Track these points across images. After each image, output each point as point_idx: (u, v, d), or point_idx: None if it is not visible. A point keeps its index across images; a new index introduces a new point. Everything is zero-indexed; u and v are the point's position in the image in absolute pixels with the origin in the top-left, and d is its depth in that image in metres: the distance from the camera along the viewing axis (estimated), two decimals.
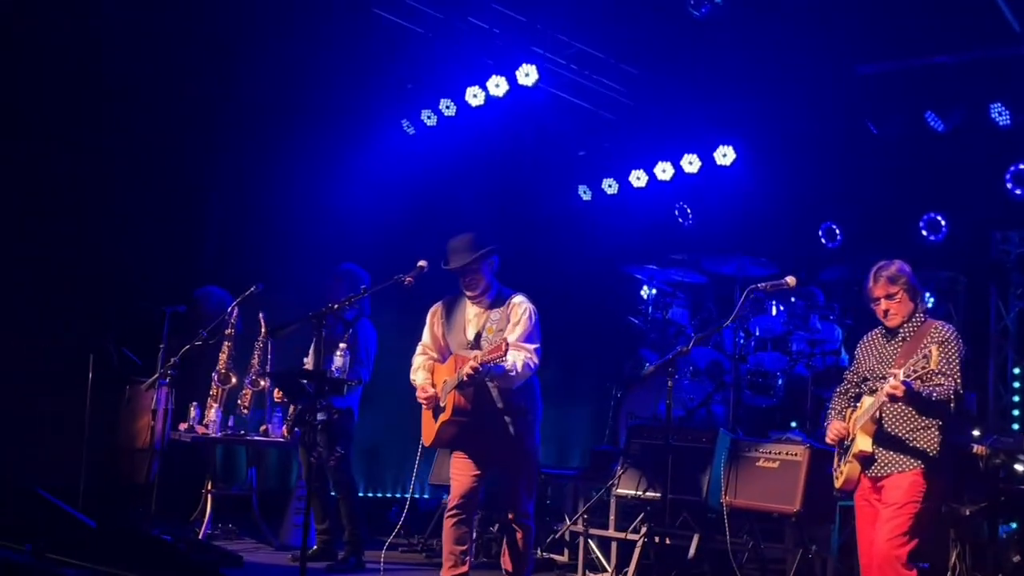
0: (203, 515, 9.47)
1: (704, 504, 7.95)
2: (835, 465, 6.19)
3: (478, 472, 6.75)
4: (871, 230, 11.09)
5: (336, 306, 6.35)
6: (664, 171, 11.98)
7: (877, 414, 5.88)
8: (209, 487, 9.64)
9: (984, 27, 9.03)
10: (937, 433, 5.85)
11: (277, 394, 9.01)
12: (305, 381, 6.18)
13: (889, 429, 5.90)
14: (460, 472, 6.77)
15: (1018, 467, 7.52)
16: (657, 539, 8.12)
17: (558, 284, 11.43)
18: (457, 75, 11.38)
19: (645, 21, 10.59)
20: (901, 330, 6.05)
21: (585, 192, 12.99)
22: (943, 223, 10.68)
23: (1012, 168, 9.73)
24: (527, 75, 10.71)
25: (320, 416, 5.77)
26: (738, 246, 10.56)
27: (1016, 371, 10.08)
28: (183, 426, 9.63)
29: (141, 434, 9.59)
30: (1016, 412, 9.95)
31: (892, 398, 5.70)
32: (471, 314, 6.80)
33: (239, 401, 9.86)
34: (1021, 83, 8.99)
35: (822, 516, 7.66)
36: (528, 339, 6.58)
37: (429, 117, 11.83)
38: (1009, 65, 8.97)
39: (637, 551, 8.27)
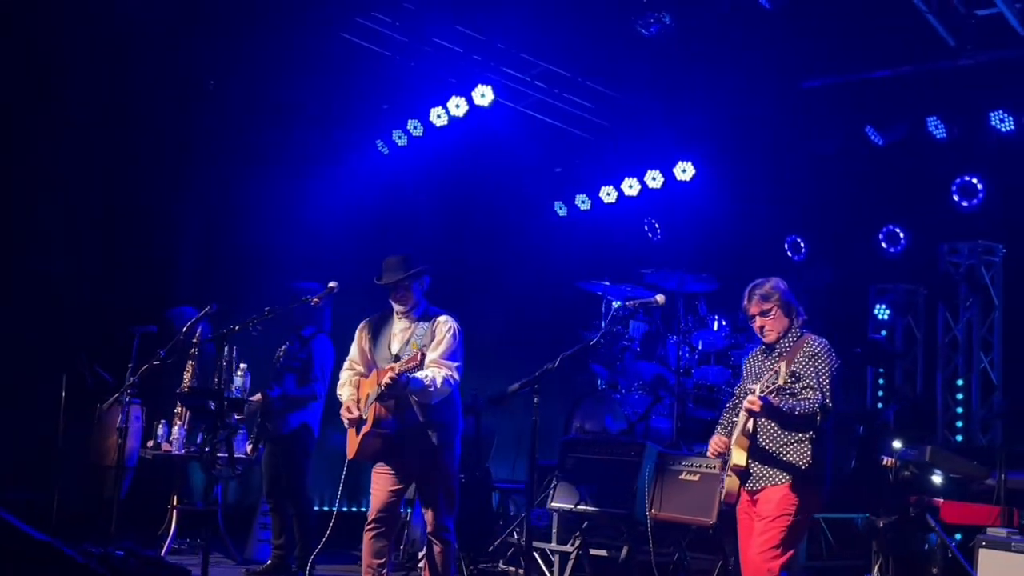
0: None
1: (632, 517, 8.07)
2: (720, 479, 6.34)
3: (398, 487, 6.95)
4: (834, 242, 11.20)
5: (237, 327, 6.60)
6: (631, 187, 12.16)
7: (750, 428, 6.00)
8: (174, 502, 9.89)
9: (923, 42, 9.13)
10: (808, 446, 5.91)
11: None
12: (211, 401, 6.39)
13: (763, 443, 6.00)
14: (379, 487, 6.98)
15: (934, 479, 7.60)
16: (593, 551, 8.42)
17: (526, 298, 11.63)
18: (425, 96, 11.65)
19: (604, 40, 10.80)
20: (778, 346, 6.17)
21: (561, 208, 13.17)
22: (902, 235, 10.76)
23: (958, 180, 9.79)
24: (483, 95, 10.92)
25: (222, 433, 6.01)
26: (703, 261, 10.72)
27: (959, 383, 10.13)
28: (150, 443, 9.90)
29: (110, 452, 9.87)
30: (960, 424, 10.00)
31: (750, 413, 5.84)
32: (397, 329, 7.05)
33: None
34: (956, 97, 9.06)
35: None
36: (450, 356, 6.80)
37: (400, 137, 12.08)
38: (945, 79, 9.04)
39: (571, 563, 8.44)
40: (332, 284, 7.05)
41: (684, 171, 11.59)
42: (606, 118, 12.18)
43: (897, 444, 7.73)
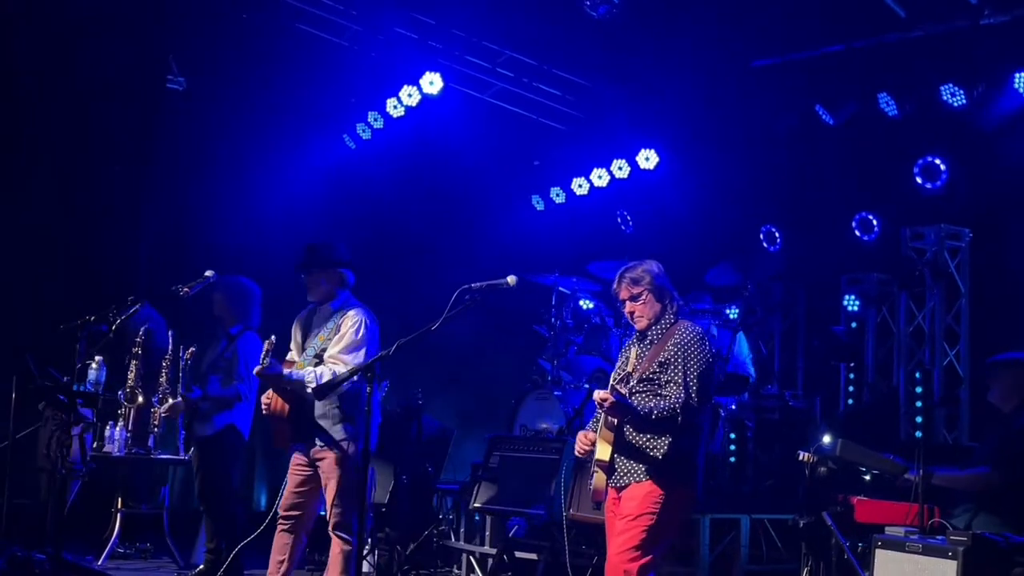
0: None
1: (549, 517, 7.76)
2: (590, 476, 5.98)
3: (305, 483, 6.82)
4: (809, 231, 10.79)
5: (93, 318, 6.42)
6: (600, 177, 11.88)
7: (614, 421, 5.64)
8: (119, 506, 9.74)
9: (874, 15, 8.69)
10: (675, 441, 5.54)
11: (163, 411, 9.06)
12: (63, 396, 6.22)
13: (628, 437, 5.59)
14: (289, 482, 6.91)
15: (866, 477, 7.16)
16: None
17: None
18: (382, 87, 11.46)
19: (562, 24, 10.50)
20: (650, 333, 5.80)
21: (538, 202, 12.89)
22: (875, 223, 10.31)
23: (920, 161, 9.31)
24: (431, 83, 10.73)
25: (75, 430, 5.83)
26: (676, 252, 10.34)
27: (918, 375, 9.56)
28: (95, 445, 9.76)
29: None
30: (919, 419, 9.41)
31: (600, 407, 5.48)
32: (317, 321, 6.97)
33: (151, 419, 9.96)
34: (906, 72, 8.60)
35: None
36: (349, 351, 6.62)
37: (364, 131, 11.90)
38: (895, 53, 8.59)
39: (489, 567, 8.15)
40: (208, 272, 6.85)
41: (647, 159, 11.28)
42: (571, 106, 11.90)
43: (827, 439, 7.27)
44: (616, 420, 5.57)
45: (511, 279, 5.60)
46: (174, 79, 11.32)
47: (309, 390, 6.48)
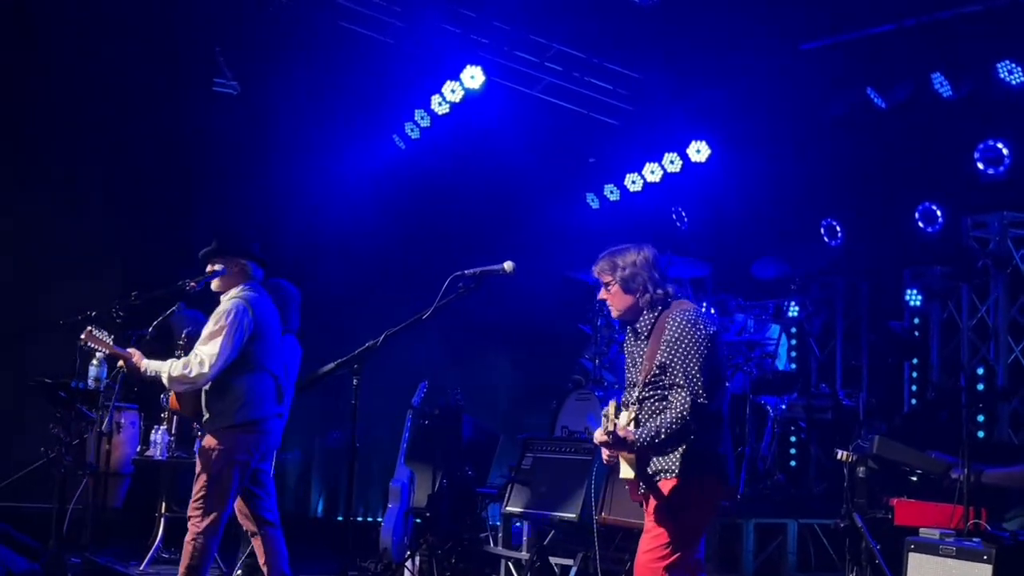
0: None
1: (581, 521, 7.46)
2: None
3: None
4: (870, 223, 10.33)
5: (94, 313, 6.29)
6: (653, 172, 11.55)
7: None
8: (162, 510, 9.68)
9: None
10: (691, 441, 5.12)
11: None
12: (63, 393, 6.12)
13: (648, 454, 5.25)
14: None
15: (913, 477, 6.72)
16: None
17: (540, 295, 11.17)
18: (426, 84, 11.24)
19: (609, 14, 10.23)
20: (638, 325, 5.37)
21: (593, 201, 12.59)
22: (939, 213, 9.81)
23: (980, 145, 8.80)
24: (472, 77, 10.53)
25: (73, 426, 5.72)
26: (733, 249, 10.08)
27: (980, 371, 9.06)
28: (139, 449, 9.74)
29: (103, 458, 9.76)
30: (981, 418, 8.93)
31: (603, 446, 5.18)
32: None
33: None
34: (961, 49, 8.12)
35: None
36: (207, 341, 6.36)
37: (412, 130, 11.72)
38: (949, 30, 8.12)
39: (527, 574, 7.88)
40: (216, 266, 6.65)
41: (698, 151, 10.92)
42: (622, 99, 11.55)
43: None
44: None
45: (508, 265, 5.31)
46: (225, 83, 11.32)
47: (164, 381, 6.30)
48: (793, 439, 9.86)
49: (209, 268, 6.57)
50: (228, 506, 6.43)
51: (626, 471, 5.32)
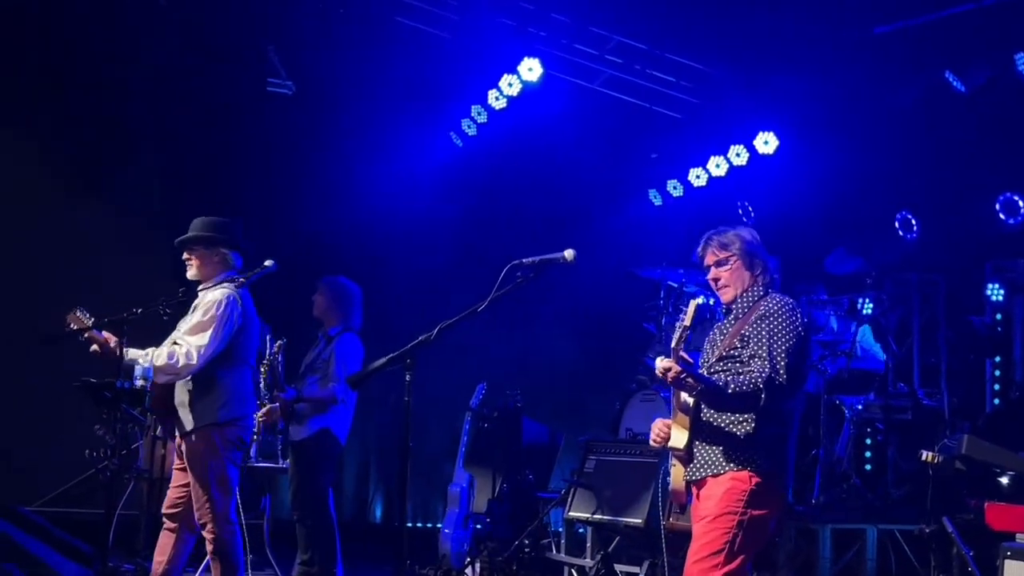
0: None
1: (647, 528, 7.14)
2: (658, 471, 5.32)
3: (181, 476, 6.43)
4: (948, 215, 9.91)
5: (140, 311, 6.07)
6: (718, 166, 11.23)
7: (688, 401, 4.93)
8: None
9: None
10: (756, 423, 4.79)
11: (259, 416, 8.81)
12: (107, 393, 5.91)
13: (706, 418, 4.90)
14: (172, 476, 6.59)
15: (1002, 480, 6.31)
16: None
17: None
18: (482, 79, 11.01)
19: (670, 3, 9.94)
20: (735, 306, 5.11)
21: (656, 197, 12.26)
22: (1021, 204, 9.39)
23: None
24: (530, 70, 10.28)
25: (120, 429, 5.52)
26: (805, 243, 9.73)
27: None
28: None
29: (157, 464, 9.63)
30: None
31: (664, 379, 4.76)
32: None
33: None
34: None
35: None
36: (196, 331, 6.21)
37: (469, 127, 11.49)
38: None
39: None
40: (267, 262, 6.51)
41: (766, 143, 10.55)
42: (686, 92, 11.21)
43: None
44: (690, 399, 4.89)
45: (568, 253, 4.95)
46: (280, 83, 11.19)
47: (147, 366, 6.03)
48: (869, 441, 9.45)
49: (186, 256, 6.47)
50: (234, 499, 6.37)
51: (677, 437, 4.95)
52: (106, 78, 10.30)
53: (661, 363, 4.68)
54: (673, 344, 4.65)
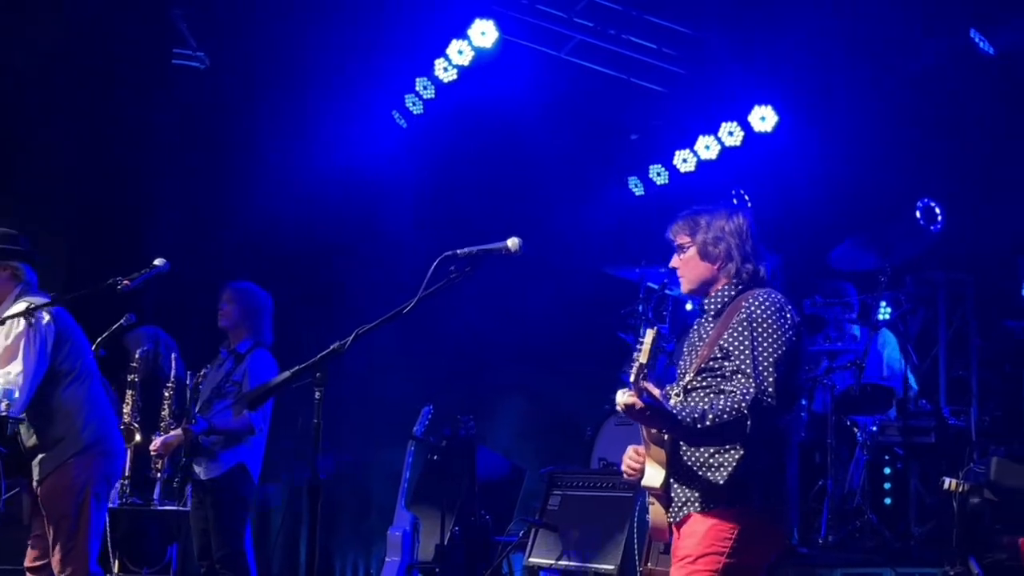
0: None
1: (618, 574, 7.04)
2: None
3: (42, 526, 6.52)
4: (977, 202, 9.88)
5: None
6: (708, 147, 11.20)
7: (662, 435, 4.78)
8: (115, 569, 9.32)
9: None
10: (743, 453, 4.63)
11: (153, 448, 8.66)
12: None
13: (683, 453, 4.75)
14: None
15: None
16: None
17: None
18: (427, 47, 10.95)
19: None
20: (709, 303, 4.98)
21: (636, 186, 12.21)
22: None
23: None
24: (483, 33, 10.26)
25: None
26: (811, 236, 9.78)
27: None
28: None
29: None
30: None
31: (628, 413, 4.60)
32: None
33: (153, 463, 9.56)
34: None
35: None
36: (9, 362, 6.28)
37: (415, 104, 11.39)
38: None
39: None
40: (157, 261, 6.63)
41: (763, 119, 10.51)
42: (670, 61, 11.13)
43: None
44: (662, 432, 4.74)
45: (512, 242, 4.86)
46: (191, 55, 11.08)
47: None
48: (887, 470, 9.33)
49: None
50: (95, 550, 6.39)
51: (652, 475, 4.82)
52: None
53: (621, 398, 4.56)
54: (631, 379, 4.51)
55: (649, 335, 4.53)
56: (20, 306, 6.35)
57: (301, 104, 11.20)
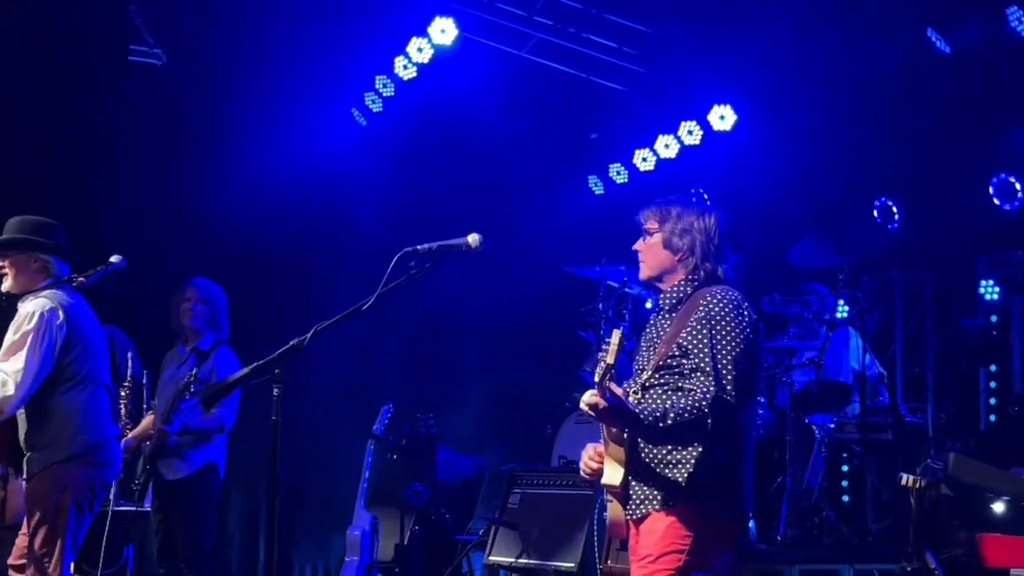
0: None
1: (578, 572, 7.05)
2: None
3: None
4: (935, 201, 10.00)
5: None
6: (667, 147, 11.27)
7: (621, 432, 4.80)
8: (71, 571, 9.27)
9: None
10: (702, 450, 4.65)
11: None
12: None
13: (643, 451, 4.75)
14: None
15: (996, 506, 6.24)
16: None
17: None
18: (387, 44, 10.89)
19: None
20: (665, 297, 4.99)
21: (596, 184, 12.26)
22: (1018, 187, 9.45)
23: None
24: (443, 31, 10.22)
25: None
26: (771, 236, 9.82)
27: None
28: None
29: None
30: None
31: (592, 413, 4.63)
32: None
33: None
34: None
35: None
36: (9, 355, 6.14)
37: (374, 102, 11.35)
38: None
39: None
40: (113, 258, 6.55)
41: (722, 118, 10.59)
42: (630, 60, 11.20)
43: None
44: (623, 430, 4.76)
45: (472, 238, 4.88)
46: (148, 51, 11.00)
47: None
48: (845, 467, 9.42)
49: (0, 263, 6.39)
50: (70, 558, 6.33)
51: (611, 473, 4.82)
52: None
53: (586, 398, 4.56)
54: (596, 379, 4.51)
55: (616, 336, 4.52)
56: (41, 301, 6.20)
57: (259, 102, 11.07)
